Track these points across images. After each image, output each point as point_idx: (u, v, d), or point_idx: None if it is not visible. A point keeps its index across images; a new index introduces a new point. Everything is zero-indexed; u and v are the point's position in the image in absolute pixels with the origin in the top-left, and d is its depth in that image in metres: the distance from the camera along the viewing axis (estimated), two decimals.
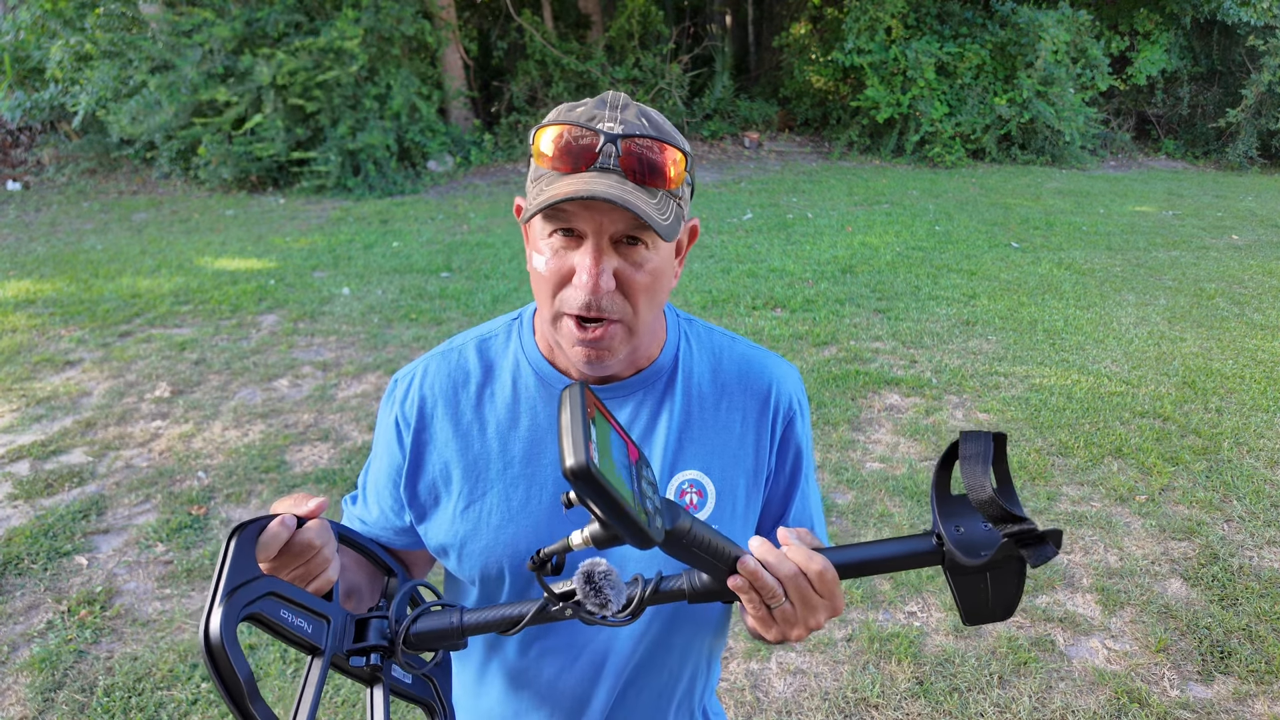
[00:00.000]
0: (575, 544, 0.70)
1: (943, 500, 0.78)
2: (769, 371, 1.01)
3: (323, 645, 0.75)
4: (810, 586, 0.74)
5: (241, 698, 0.64)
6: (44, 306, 5.76)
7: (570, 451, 0.61)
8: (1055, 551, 0.69)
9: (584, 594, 0.73)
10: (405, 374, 1.02)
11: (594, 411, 0.67)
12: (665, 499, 0.72)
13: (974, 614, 0.78)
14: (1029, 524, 0.69)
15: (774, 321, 5.40)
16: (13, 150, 11.21)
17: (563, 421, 0.64)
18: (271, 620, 0.71)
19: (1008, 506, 0.70)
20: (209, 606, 0.66)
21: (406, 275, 6.51)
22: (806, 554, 0.74)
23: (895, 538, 0.78)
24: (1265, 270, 6.68)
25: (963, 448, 0.73)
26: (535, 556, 0.72)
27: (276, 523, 0.75)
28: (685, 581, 0.78)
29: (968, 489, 0.72)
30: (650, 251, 0.84)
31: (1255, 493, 3.41)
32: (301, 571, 0.78)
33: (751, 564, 0.73)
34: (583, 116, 0.82)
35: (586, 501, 0.63)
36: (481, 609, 0.83)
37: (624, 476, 0.66)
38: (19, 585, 2.86)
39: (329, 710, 2.34)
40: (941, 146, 11.44)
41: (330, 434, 3.91)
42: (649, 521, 0.66)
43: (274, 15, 9.37)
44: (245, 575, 0.69)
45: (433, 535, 0.99)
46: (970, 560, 0.73)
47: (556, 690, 1.01)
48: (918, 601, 2.78)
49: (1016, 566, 0.74)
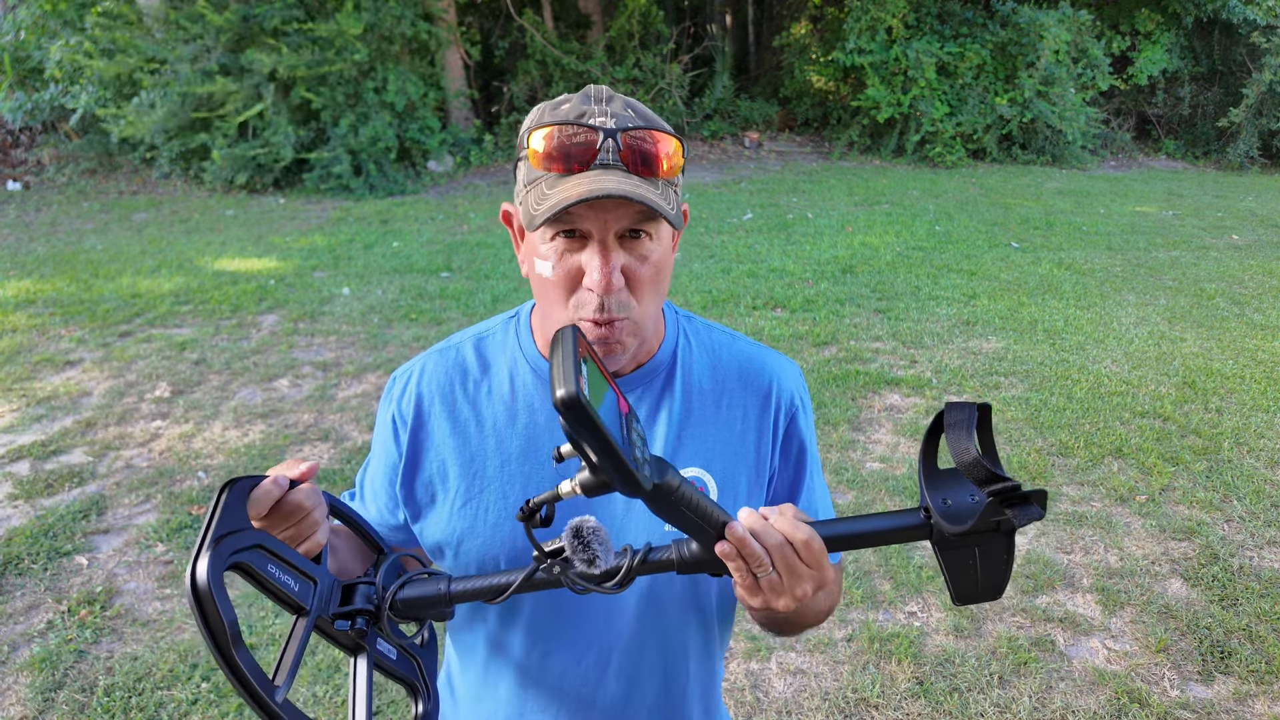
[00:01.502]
0: (564, 492, 0.70)
1: (930, 474, 0.78)
2: (769, 368, 1.01)
3: (308, 605, 0.75)
4: (796, 555, 0.74)
5: (225, 644, 0.64)
6: (44, 306, 5.76)
7: (560, 382, 0.61)
8: (1040, 512, 0.69)
9: (572, 549, 0.73)
10: (403, 372, 1.02)
11: (585, 354, 0.67)
12: (655, 456, 0.72)
13: (964, 593, 0.78)
14: (1012, 482, 0.69)
15: (774, 321, 5.40)
16: (13, 150, 11.21)
17: (555, 358, 0.64)
18: (259, 573, 0.71)
19: (992, 468, 0.69)
20: (196, 551, 0.66)
21: (406, 275, 6.51)
22: (794, 524, 0.75)
23: (883, 512, 0.78)
24: (1265, 270, 6.68)
25: (948, 416, 0.73)
26: (524, 506, 0.72)
27: (269, 481, 0.76)
28: (674, 551, 0.78)
29: (952, 453, 0.71)
30: (653, 243, 0.84)
31: (1255, 493, 3.41)
32: (292, 533, 0.79)
33: (739, 530, 0.73)
34: (572, 113, 0.81)
35: (577, 441, 0.63)
36: (469, 577, 0.82)
37: (613, 421, 0.65)
38: (19, 585, 2.86)
39: (330, 710, 2.34)
40: (942, 146, 11.44)
41: (330, 434, 3.91)
42: (638, 467, 0.65)
43: (272, 11, 9.37)
44: (235, 525, 0.70)
45: (429, 533, 0.99)
46: (956, 528, 0.73)
47: (563, 687, 1.00)
48: (918, 602, 2.78)
49: (1005, 542, 0.74)
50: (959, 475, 0.76)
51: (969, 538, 0.74)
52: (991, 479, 0.69)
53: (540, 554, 0.76)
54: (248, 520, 0.72)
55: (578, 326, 0.70)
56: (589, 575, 0.75)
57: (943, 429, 0.74)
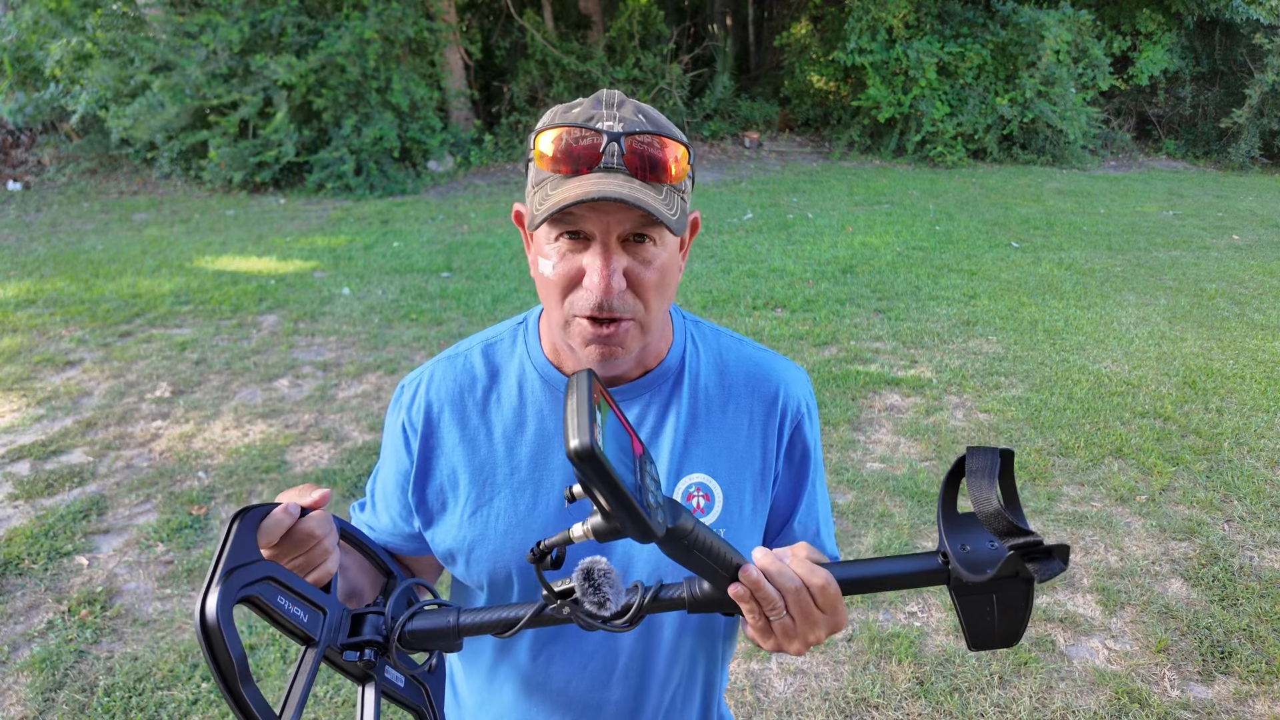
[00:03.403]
0: (576, 536, 0.69)
1: (949, 519, 0.77)
2: (777, 374, 1.00)
3: (317, 636, 0.75)
4: (812, 600, 0.73)
5: (233, 679, 0.64)
6: (45, 306, 5.76)
7: (575, 433, 0.61)
8: (1063, 567, 0.68)
9: (582, 591, 0.72)
10: (411, 380, 1.02)
11: (599, 399, 0.67)
12: (669, 498, 0.71)
13: (979, 638, 0.77)
14: (1035, 537, 0.68)
15: (774, 322, 5.40)
16: (13, 150, 11.21)
17: (569, 405, 0.64)
18: (268, 605, 0.70)
19: (1014, 520, 0.69)
20: (206, 585, 0.66)
21: (407, 275, 6.51)
22: (810, 567, 0.74)
23: (900, 555, 0.77)
24: (1266, 270, 6.68)
25: (969, 463, 0.72)
26: (535, 548, 0.71)
27: (280, 509, 0.76)
28: (685, 590, 0.77)
29: (973, 502, 0.71)
30: (658, 248, 0.84)
31: (1256, 493, 3.41)
32: (302, 561, 0.78)
33: (754, 573, 0.72)
34: (581, 117, 0.81)
35: (590, 488, 0.63)
36: (478, 610, 0.82)
37: (626, 467, 0.65)
38: (19, 585, 2.86)
39: (330, 710, 2.34)
40: (943, 146, 11.44)
41: (331, 434, 3.91)
42: (651, 514, 0.65)
43: (278, 16, 9.39)
44: (245, 558, 0.69)
45: (440, 541, 0.98)
46: (975, 576, 0.72)
47: (568, 695, 1.00)
48: (918, 602, 2.78)
49: (1024, 589, 0.73)
50: (979, 520, 0.75)
51: (988, 585, 0.73)
52: (1013, 531, 0.68)
53: (550, 594, 0.75)
54: (258, 551, 0.71)
55: (593, 371, 0.69)
56: (598, 615, 0.74)
57: (963, 473, 0.73)
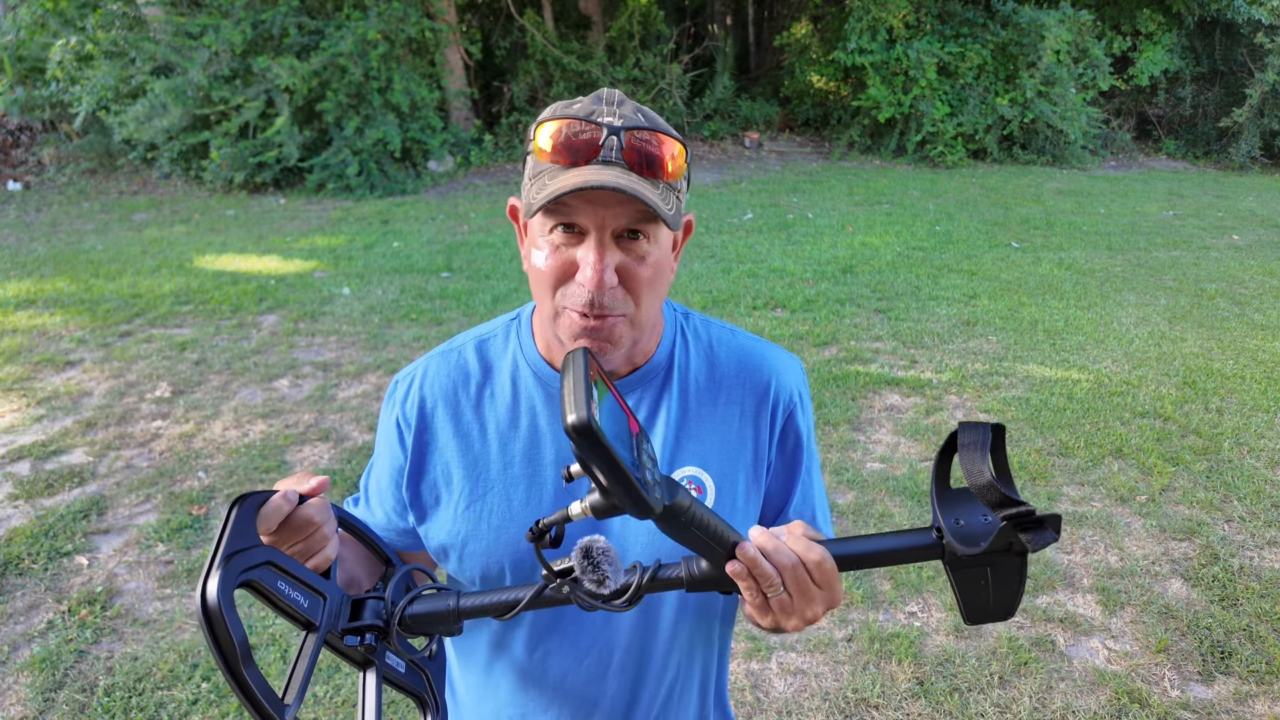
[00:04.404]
0: (574, 514, 0.70)
1: (942, 494, 0.77)
2: (768, 364, 1.00)
3: (318, 621, 0.75)
4: (809, 576, 0.74)
5: (235, 661, 0.64)
6: (45, 306, 5.76)
7: (572, 407, 0.61)
8: (1055, 537, 0.68)
9: (581, 569, 0.73)
10: (405, 375, 1.02)
11: (596, 377, 0.67)
12: (666, 476, 0.72)
13: (975, 612, 0.77)
14: (1027, 507, 0.68)
15: (774, 321, 5.40)
16: (13, 150, 11.21)
17: (566, 381, 0.64)
18: (268, 590, 0.71)
19: (1006, 491, 0.69)
20: (207, 570, 0.66)
21: (407, 275, 6.51)
22: (806, 543, 0.74)
23: (895, 531, 0.78)
24: (1266, 270, 6.68)
25: (961, 436, 0.73)
26: (534, 526, 0.72)
27: (278, 496, 0.76)
28: (684, 569, 0.77)
29: (966, 475, 0.71)
30: (651, 245, 0.84)
31: (1256, 493, 3.41)
32: (301, 547, 0.79)
33: (751, 550, 0.73)
34: (581, 112, 0.82)
35: (587, 464, 0.63)
36: (478, 593, 0.82)
37: (623, 443, 0.65)
38: (19, 585, 2.86)
39: (330, 710, 2.34)
40: (943, 146, 11.43)
41: (330, 434, 3.91)
42: (648, 490, 0.65)
43: (279, 17, 9.38)
44: (245, 543, 0.70)
45: (434, 536, 0.99)
46: (969, 549, 0.73)
47: (564, 689, 1.01)
48: (918, 602, 2.78)
49: (1017, 562, 0.74)
50: (972, 495, 0.76)
51: (981, 558, 0.73)
52: (1006, 502, 0.69)
53: (550, 573, 0.75)
54: (257, 537, 0.72)
55: (589, 349, 0.70)
56: (598, 594, 0.75)
57: (955, 448, 0.74)
